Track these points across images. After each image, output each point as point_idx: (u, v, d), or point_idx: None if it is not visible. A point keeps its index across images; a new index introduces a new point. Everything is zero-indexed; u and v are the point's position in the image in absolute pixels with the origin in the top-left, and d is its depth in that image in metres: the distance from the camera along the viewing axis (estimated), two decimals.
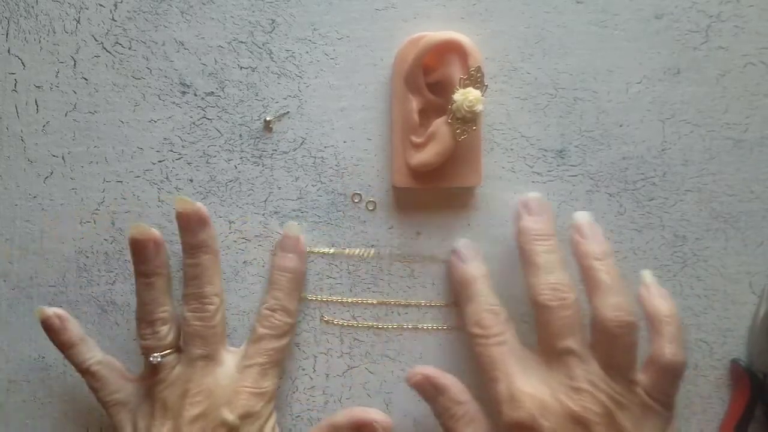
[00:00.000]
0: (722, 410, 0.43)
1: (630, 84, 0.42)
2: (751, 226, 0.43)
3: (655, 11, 0.42)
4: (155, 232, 0.40)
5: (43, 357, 0.43)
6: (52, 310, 0.41)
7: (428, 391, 0.39)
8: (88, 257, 0.43)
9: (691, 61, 0.42)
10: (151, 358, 0.40)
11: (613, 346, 0.37)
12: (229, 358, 0.41)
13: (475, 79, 0.39)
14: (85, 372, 0.40)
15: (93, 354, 0.41)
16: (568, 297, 0.37)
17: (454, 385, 0.39)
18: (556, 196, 0.43)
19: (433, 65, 0.41)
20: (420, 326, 0.43)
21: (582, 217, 0.40)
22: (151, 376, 0.40)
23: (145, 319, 0.40)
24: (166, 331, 0.40)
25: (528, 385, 0.37)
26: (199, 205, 0.41)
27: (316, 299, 0.43)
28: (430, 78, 0.41)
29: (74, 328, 0.41)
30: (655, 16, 0.42)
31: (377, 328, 0.43)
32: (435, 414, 0.40)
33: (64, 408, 0.43)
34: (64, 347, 0.41)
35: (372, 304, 0.43)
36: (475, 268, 0.41)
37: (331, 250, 0.43)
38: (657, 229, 0.43)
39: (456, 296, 0.42)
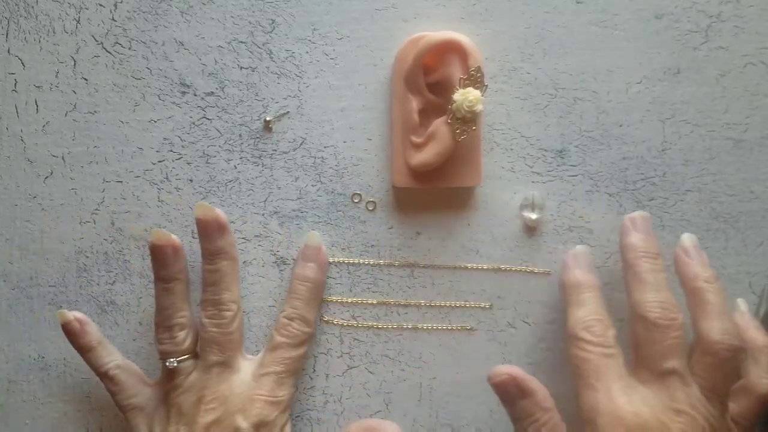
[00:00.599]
0: None
1: (630, 84, 0.42)
2: (751, 226, 0.43)
3: (655, 11, 0.42)
4: (174, 238, 0.41)
5: (43, 357, 0.43)
6: (72, 314, 0.41)
7: (511, 392, 0.37)
8: (88, 257, 0.43)
9: (691, 61, 0.42)
10: (168, 363, 0.40)
11: (717, 370, 0.37)
12: (246, 366, 0.41)
13: (475, 79, 0.39)
14: (104, 376, 0.41)
15: (112, 357, 0.41)
16: (677, 317, 0.37)
17: (541, 389, 0.37)
18: (556, 196, 0.43)
19: (433, 65, 0.41)
20: (420, 326, 0.43)
21: (689, 239, 0.40)
22: (167, 381, 0.40)
23: (163, 323, 0.40)
24: (184, 336, 0.40)
25: (629, 402, 0.36)
26: (219, 212, 0.41)
27: None
28: (430, 78, 0.41)
29: (94, 332, 0.41)
30: (655, 16, 0.42)
31: (377, 328, 0.43)
32: (513, 418, 0.37)
33: (64, 408, 0.43)
34: (84, 350, 0.41)
35: (372, 304, 0.43)
36: (589, 276, 0.40)
37: (347, 259, 0.43)
38: (657, 229, 0.43)
39: (563, 298, 0.41)
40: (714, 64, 0.42)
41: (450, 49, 0.40)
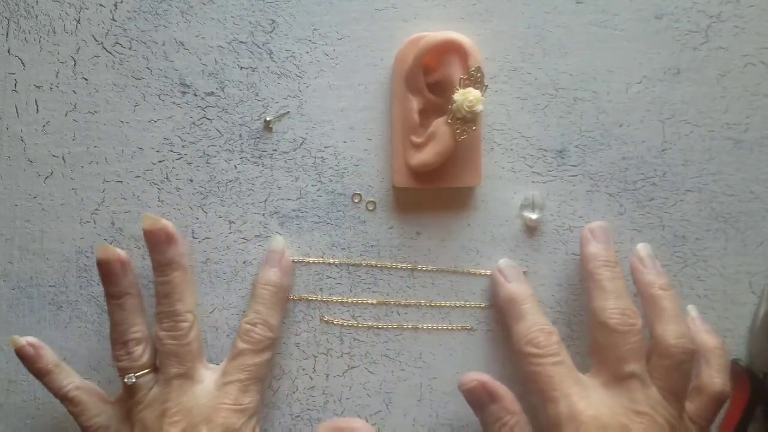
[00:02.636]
0: (722, 410, 0.43)
1: (630, 84, 0.42)
2: (751, 226, 0.43)
3: (655, 11, 0.42)
4: (121, 252, 0.40)
5: None
6: (24, 339, 0.41)
7: (481, 398, 0.39)
8: (88, 257, 0.43)
9: (691, 61, 0.42)
10: (126, 379, 0.39)
11: (674, 372, 0.38)
12: (208, 375, 0.40)
13: (475, 79, 0.39)
14: (64, 398, 0.40)
15: (71, 380, 0.41)
16: (636, 323, 0.38)
17: (508, 394, 0.39)
18: (556, 196, 0.43)
19: (433, 65, 0.41)
20: (420, 326, 0.43)
21: (644, 248, 0.42)
22: (128, 398, 0.40)
23: (118, 340, 0.40)
24: (141, 352, 0.40)
25: (589, 406, 0.37)
26: (166, 222, 0.40)
27: (316, 299, 0.43)
28: (430, 78, 0.41)
29: (49, 355, 0.41)
30: (655, 16, 0.42)
31: (377, 328, 0.43)
32: (483, 422, 0.39)
33: (64, 408, 0.43)
34: (41, 374, 0.40)
35: (372, 304, 0.43)
36: (522, 288, 0.41)
37: (347, 259, 0.43)
38: (657, 229, 0.43)
39: (504, 315, 0.41)
40: (714, 64, 0.42)
41: (450, 49, 0.40)
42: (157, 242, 0.40)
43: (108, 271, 0.40)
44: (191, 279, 0.42)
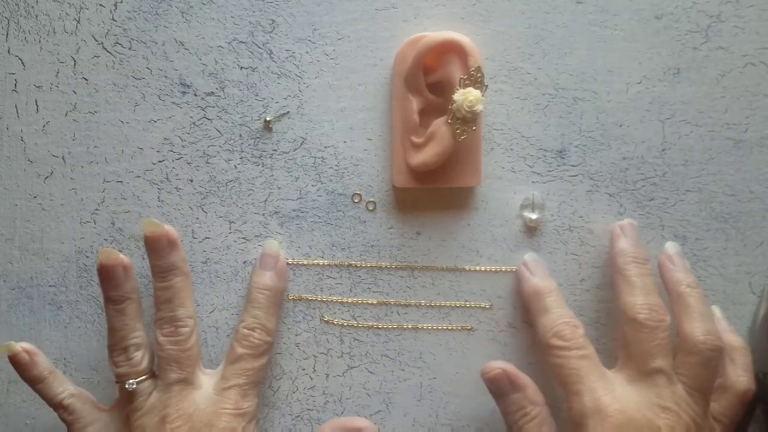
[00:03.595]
0: None
1: (630, 84, 0.42)
2: (751, 226, 0.43)
3: (655, 11, 0.42)
4: (123, 257, 0.40)
5: None
6: (20, 346, 0.40)
7: (503, 386, 0.39)
8: (88, 257, 0.43)
9: (691, 61, 0.42)
10: (127, 385, 0.39)
11: (701, 369, 0.38)
12: (206, 381, 0.40)
13: (475, 79, 0.39)
14: (58, 406, 0.40)
15: (64, 387, 0.40)
16: (665, 319, 0.39)
17: (531, 384, 0.39)
18: (556, 196, 0.43)
19: (433, 65, 0.41)
20: (420, 326, 0.43)
21: (673, 247, 0.42)
22: (126, 404, 0.40)
23: (117, 345, 0.40)
24: (140, 357, 0.40)
25: (615, 400, 0.37)
26: (168, 227, 0.40)
27: (316, 299, 0.43)
28: (430, 78, 0.41)
29: (43, 362, 0.40)
30: (655, 16, 0.42)
31: (377, 328, 0.43)
32: (504, 412, 0.40)
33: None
34: (35, 382, 0.40)
35: (372, 304, 0.43)
36: (547, 281, 0.41)
37: (347, 259, 0.43)
38: (657, 229, 0.43)
39: (527, 308, 0.42)
40: (714, 64, 0.42)
41: (450, 49, 0.40)
42: (159, 247, 0.40)
43: (110, 276, 0.40)
44: (191, 285, 0.42)
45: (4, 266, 0.43)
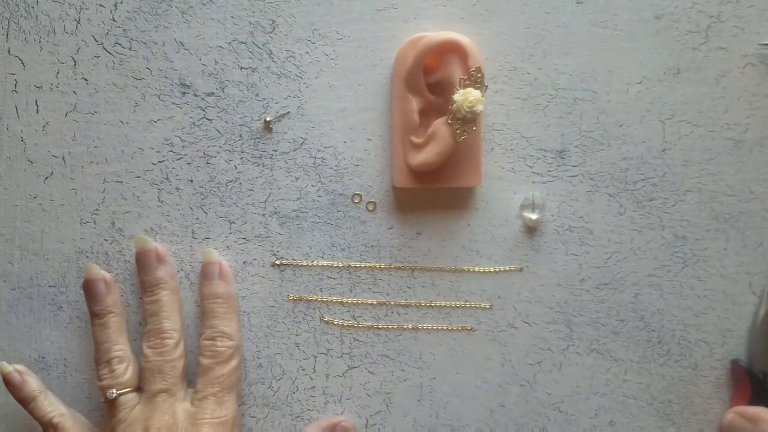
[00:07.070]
0: (722, 410, 0.43)
1: (630, 84, 0.42)
2: (751, 226, 0.43)
3: (655, 11, 0.42)
4: (105, 272, 0.42)
5: (44, 357, 0.43)
6: (12, 366, 0.41)
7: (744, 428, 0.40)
8: (88, 257, 0.43)
9: (691, 61, 0.42)
10: (108, 394, 0.40)
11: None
12: (188, 395, 0.41)
13: (475, 79, 0.39)
14: (48, 425, 0.41)
15: (54, 407, 0.41)
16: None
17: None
18: (556, 196, 0.43)
19: (433, 66, 0.41)
20: (420, 326, 0.43)
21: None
22: (110, 417, 0.40)
23: (102, 359, 0.41)
24: (123, 369, 0.40)
25: None
26: (157, 243, 0.42)
27: (316, 299, 0.43)
28: (430, 78, 0.41)
29: (34, 382, 0.41)
30: (655, 17, 0.42)
31: (377, 328, 0.43)
32: None
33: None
34: (26, 401, 0.41)
35: (372, 304, 0.43)
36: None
37: (347, 260, 0.43)
38: (657, 229, 0.43)
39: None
40: (714, 64, 0.42)
41: (450, 50, 0.40)
42: (147, 262, 0.41)
43: (92, 290, 0.41)
44: (179, 300, 0.42)
45: (4, 266, 0.43)
